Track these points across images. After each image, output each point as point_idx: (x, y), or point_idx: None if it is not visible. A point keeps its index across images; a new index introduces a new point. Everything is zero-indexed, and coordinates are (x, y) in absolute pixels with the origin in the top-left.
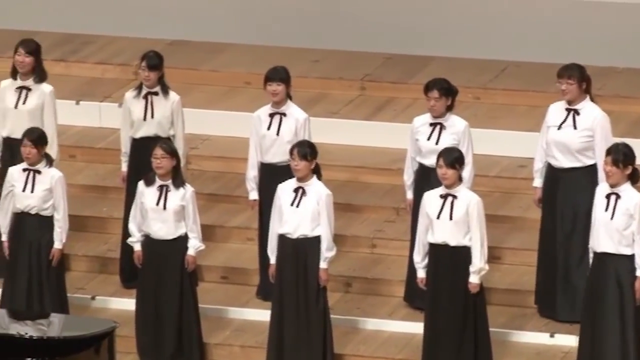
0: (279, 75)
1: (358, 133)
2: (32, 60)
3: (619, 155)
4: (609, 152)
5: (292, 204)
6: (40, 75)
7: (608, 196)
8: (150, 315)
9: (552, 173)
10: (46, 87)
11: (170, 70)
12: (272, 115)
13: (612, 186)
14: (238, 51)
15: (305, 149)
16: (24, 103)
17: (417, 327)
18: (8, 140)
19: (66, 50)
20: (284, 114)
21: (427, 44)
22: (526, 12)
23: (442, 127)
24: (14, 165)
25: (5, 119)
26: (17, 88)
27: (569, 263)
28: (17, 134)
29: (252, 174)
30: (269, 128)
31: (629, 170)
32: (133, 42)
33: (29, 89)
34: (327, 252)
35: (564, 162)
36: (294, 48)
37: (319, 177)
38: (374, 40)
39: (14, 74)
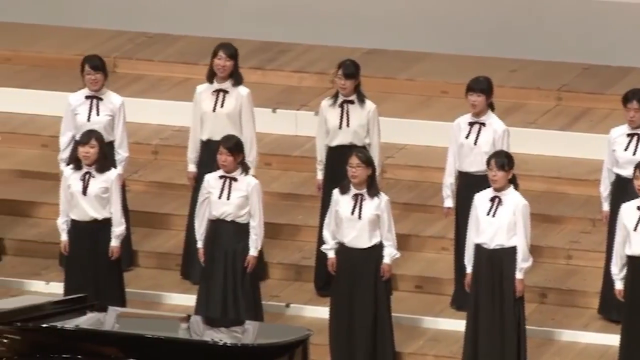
0: (480, 86)
1: (555, 143)
2: (232, 64)
3: None
4: None
5: (488, 214)
6: (236, 78)
7: None
8: (344, 323)
9: None
10: (243, 90)
11: (366, 79)
12: (471, 124)
13: None
14: (435, 60)
15: (503, 159)
16: (222, 106)
17: (612, 339)
18: (209, 143)
19: (263, 59)
20: (483, 124)
21: (626, 55)
22: None
23: None
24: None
25: (204, 123)
26: (214, 91)
27: None
28: (218, 137)
29: (449, 181)
30: (467, 136)
31: None
32: (330, 51)
33: (226, 92)
34: (522, 262)
35: None
36: (491, 57)
37: (516, 187)
38: (572, 50)
39: (210, 78)
